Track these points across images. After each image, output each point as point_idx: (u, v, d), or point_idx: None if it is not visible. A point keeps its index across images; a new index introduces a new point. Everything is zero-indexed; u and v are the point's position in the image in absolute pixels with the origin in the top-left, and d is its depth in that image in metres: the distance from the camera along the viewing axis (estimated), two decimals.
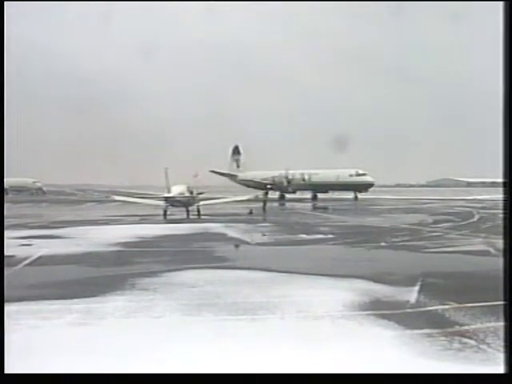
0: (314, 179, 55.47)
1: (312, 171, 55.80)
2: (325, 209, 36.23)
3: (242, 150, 66.77)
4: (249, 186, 59.27)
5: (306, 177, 55.42)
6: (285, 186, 55.20)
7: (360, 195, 55.54)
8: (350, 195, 54.31)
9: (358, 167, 55.39)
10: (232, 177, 65.01)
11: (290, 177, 54.66)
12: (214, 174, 63.52)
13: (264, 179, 56.91)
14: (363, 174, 54.37)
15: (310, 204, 45.81)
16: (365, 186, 54.57)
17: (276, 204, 43.92)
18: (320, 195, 56.37)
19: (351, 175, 54.29)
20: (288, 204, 45.58)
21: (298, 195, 55.99)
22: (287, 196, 56.27)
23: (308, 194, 56.88)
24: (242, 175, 63.07)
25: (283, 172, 55.00)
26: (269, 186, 55.94)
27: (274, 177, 56.20)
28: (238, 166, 65.62)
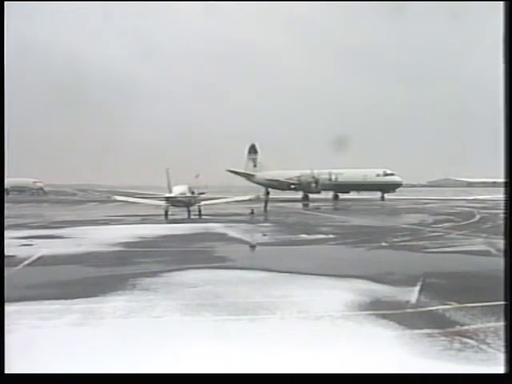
0: (340, 179, 53.57)
1: (337, 171, 53.75)
2: (346, 210, 36.14)
3: (258, 149, 64.70)
4: (269, 186, 57.77)
5: (332, 176, 53.35)
6: (312, 186, 53.18)
7: (359, 195, 55.11)
8: (370, 195, 53.54)
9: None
10: (249, 176, 62.98)
11: (316, 176, 52.76)
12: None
13: (288, 179, 55.13)
14: (391, 174, 52.93)
15: (333, 204, 45.60)
16: (392, 187, 53.17)
17: (285, 204, 43.81)
18: (341, 195, 55.09)
19: (378, 175, 52.80)
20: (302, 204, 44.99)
21: (312, 195, 54.61)
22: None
23: (325, 195, 55.04)
24: (259, 175, 61.34)
25: (308, 171, 53.11)
26: (293, 186, 54.55)
27: (299, 176, 54.22)
28: (254, 166, 63.66)
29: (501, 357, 4.97)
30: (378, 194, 54.46)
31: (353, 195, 56.00)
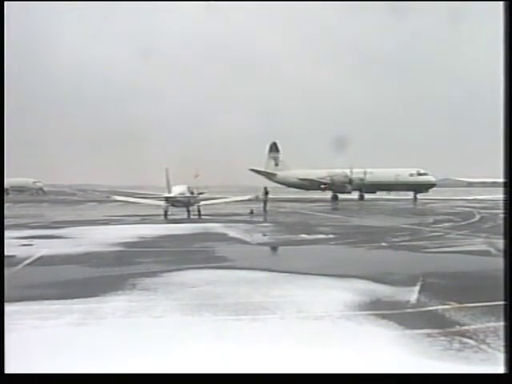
0: (372, 178, 52.38)
1: (368, 170, 52.60)
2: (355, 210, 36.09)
3: (280, 148, 63.11)
4: (298, 186, 56.88)
5: (364, 176, 52.18)
6: (345, 186, 52.30)
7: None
8: (394, 195, 53.07)
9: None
10: (270, 175, 61.30)
11: (350, 176, 51.82)
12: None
13: (321, 178, 53.85)
14: (425, 174, 51.93)
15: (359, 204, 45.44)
16: (426, 187, 52.07)
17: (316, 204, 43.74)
18: (367, 196, 54.23)
19: (412, 174, 51.72)
20: (324, 205, 44.73)
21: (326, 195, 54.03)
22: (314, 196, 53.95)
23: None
24: (281, 174, 60.17)
25: (340, 171, 52.26)
26: (323, 186, 53.59)
27: (332, 176, 53.10)
28: (276, 165, 62.13)
29: (500, 357, 4.98)
30: (377, 193, 54.16)
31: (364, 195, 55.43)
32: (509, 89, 3.27)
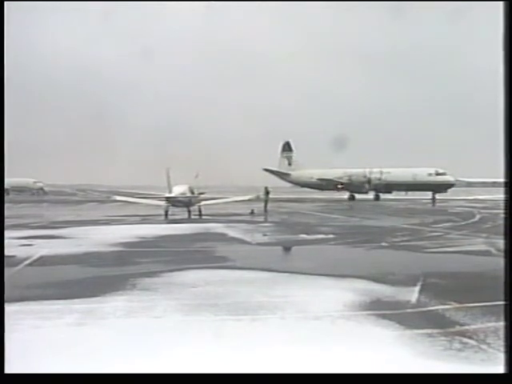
0: (389, 178, 52.19)
1: (384, 170, 52.46)
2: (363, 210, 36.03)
3: (293, 147, 62.91)
4: (314, 186, 56.61)
5: (382, 176, 52.08)
6: (363, 186, 52.29)
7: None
8: (407, 195, 52.92)
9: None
10: (283, 175, 61.14)
11: (368, 175, 51.95)
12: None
13: (339, 178, 53.78)
14: (443, 174, 51.41)
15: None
16: (445, 187, 51.45)
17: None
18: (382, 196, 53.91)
19: (430, 174, 51.21)
20: (327, 205, 44.75)
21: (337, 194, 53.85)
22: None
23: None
24: (295, 173, 59.94)
25: (360, 170, 52.30)
26: (340, 186, 53.42)
27: (350, 175, 53.13)
28: (289, 164, 61.90)
29: (501, 357, 4.98)
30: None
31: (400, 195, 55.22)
32: (509, 89, 3.27)
